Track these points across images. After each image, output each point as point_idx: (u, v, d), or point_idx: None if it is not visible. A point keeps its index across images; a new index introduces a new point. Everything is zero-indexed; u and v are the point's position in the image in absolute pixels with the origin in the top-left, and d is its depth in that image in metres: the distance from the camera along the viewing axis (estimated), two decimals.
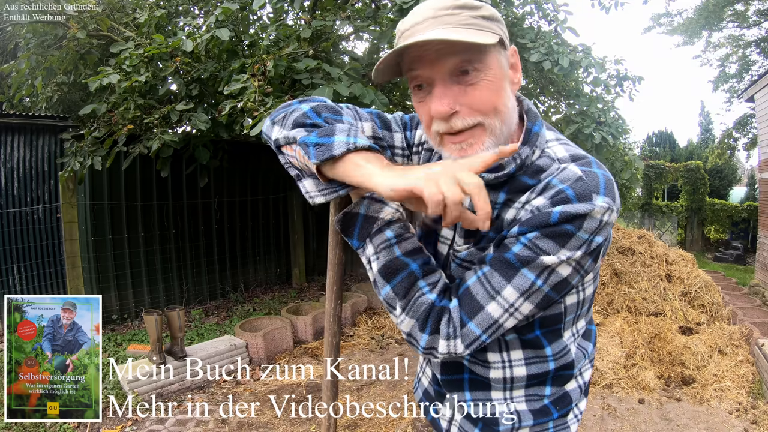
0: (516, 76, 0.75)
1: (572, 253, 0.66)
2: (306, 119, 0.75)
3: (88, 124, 3.94)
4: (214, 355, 3.39)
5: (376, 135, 0.88)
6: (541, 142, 0.75)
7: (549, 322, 0.79)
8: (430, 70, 0.68)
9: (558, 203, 0.65)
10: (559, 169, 0.70)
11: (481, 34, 0.66)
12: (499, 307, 0.69)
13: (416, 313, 0.73)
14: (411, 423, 2.69)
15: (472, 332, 0.71)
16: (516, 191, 0.73)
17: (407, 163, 0.94)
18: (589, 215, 0.65)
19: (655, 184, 11.07)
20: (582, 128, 3.57)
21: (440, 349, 0.73)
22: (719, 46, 13.00)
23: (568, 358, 0.82)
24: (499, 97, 0.70)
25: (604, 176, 0.68)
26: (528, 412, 0.83)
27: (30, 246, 4.23)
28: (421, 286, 0.74)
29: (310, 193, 0.77)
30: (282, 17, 3.63)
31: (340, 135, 0.70)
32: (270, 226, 5.87)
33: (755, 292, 6.00)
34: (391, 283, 0.75)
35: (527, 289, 0.68)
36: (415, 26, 0.69)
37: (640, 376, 3.25)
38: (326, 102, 0.82)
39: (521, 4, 4.03)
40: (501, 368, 0.82)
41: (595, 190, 0.66)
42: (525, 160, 0.73)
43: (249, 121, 2.66)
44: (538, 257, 0.66)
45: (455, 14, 0.67)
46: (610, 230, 0.70)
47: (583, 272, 0.71)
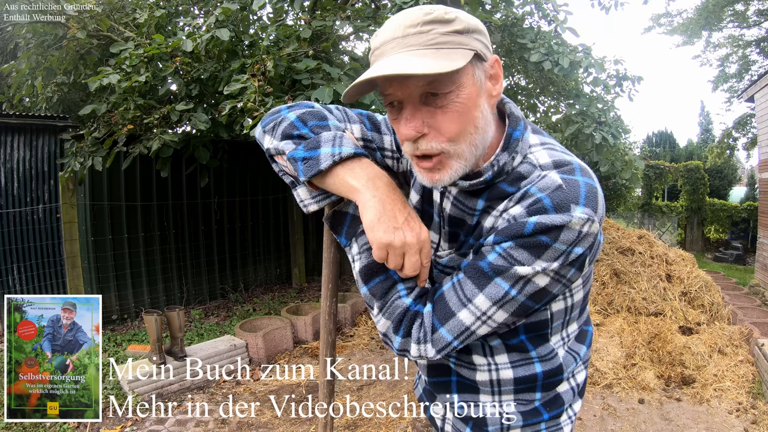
0: (495, 87, 0.71)
1: (548, 264, 0.65)
2: (293, 130, 0.77)
3: (88, 124, 3.94)
4: (214, 355, 3.39)
5: (365, 137, 0.89)
6: (522, 148, 0.72)
7: (534, 327, 0.79)
8: (400, 91, 0.67)
9: (534, 213, 0.64)
10: (539, 176, 0.68)
11: (448, 57, 0.63)
12: (470, 315, 0.69)
13: (391, 315, 0.74)
14: (411, 423, 2.69)
15: (443, 338, 0.71)
16: (495, 198, 0.72)
17: (397, 165, 0.94)
18: (566, 226, 0.63)
19: (655, 184, 11.07)
20: (582, 128, 3.58)
21: (412, 352, 0.74)
22: (719, 46, 13.00)
23: (555, 362, 0.81)
24: (470, 118, 0.67)
25: (586, 184, 0.65)
26: (518, 413, 0.83)
27: (30, 246, 4.23)
28: (398, 289, 0.75)
29: (304, 201, 0.81)
30: (282, 17, 3.63)
31: (325, 146, 0.72)
32: (270, 226, 5.87)
33: (755, 292, 6.00)
34: (368, 285, 0.77)
35: (500, 299, 0.68)
36: (384, 45, 0.67)
37: (640, 376, 3.25)
38: (313, 108, 0.83)
39: (521, 4, 4.03)
40: (487, 371, 0.82)
41: (574, 201, 0.63)
42: (504, 166, 0.71)
43: (249, 121, 2.66)
44: (511, 267, 0.65)
45: (423, 33, 0.64)
46: (593, 240, 0.67)
47: (566, 281, 0.69)
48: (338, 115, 0.89)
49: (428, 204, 0.86)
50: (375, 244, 0.71)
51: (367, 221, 0.71)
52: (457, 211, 0.77)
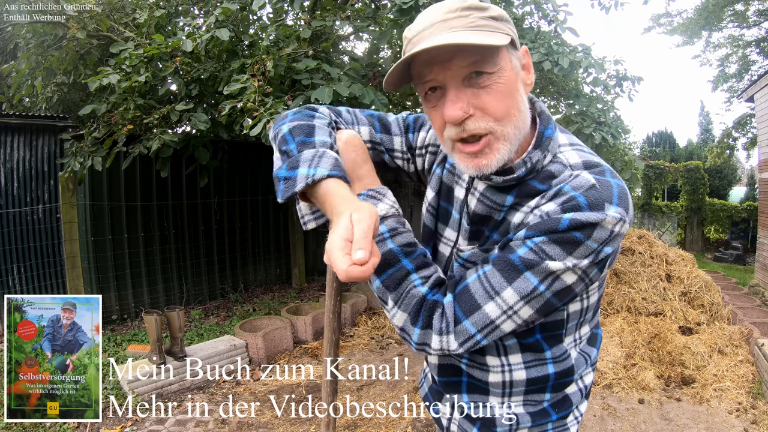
0: (528, 76, 0.73)
1: (578, 261, 0.65)
2: (283, 144, 0.77)
3: (87, 124, 3.94)
4: (214, 355, 3.39)
5: (373, 139, 0.90)
6: (553, 147, 0.73)
7: (550, 327, 0.79)
8: (443, 74, 0.67)
9: (569, 210, 0.64)
10: (571, 176, 0.69)
11: (492, 36, 0.65)
12: (497, 308, 0.69)
13: (408, 306, 0.73)
14: (411, 423, 2.69)
15: (466, 330, 0.70)
16: (525, 195, 0.72)
17: (408, 166, 0.94)
18: (599, 224, 0.64)
19: (655, 184, 11.07)
20: (582, 128, 3.58)
21: (433, 345, 0.72)
22: (719, 46, 12.99)
23: (567, 363, 0.81)
24: (513, 100, 0.69)
25: (618, 186, 0.67)
26: (526, 414, 0.82)
27: (30, 246, 4.23)
28: (413, 279, 0.74)
29: (304, 218, 0.79)
30: (282, 17, 3.64)
31: (302, 167, 0.69)
32: (270, 226, 5.87)
33: (755, 292, 6.00)
34: (381, 277, 0.75)
35: (529, 294, 0.67)
36: (423, 32, 0.67)
37: (640, 376, 3.25)
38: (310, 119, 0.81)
39: (521, 4, 4.03)
40: (500, 372, 0.82)
41: (608, 200, 0.64)
42: (536, 164, 0.72)
43: (249, 121, 2.66)
44: (543, 262, 0.65)
45: (464, 17, 0.66)
46: (620, 241, 0.68)
47: (588, 281, 0.70)
48: (347, 117, 0.88)
49: (446, 201, 0.86)
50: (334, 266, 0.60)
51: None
52: (483, 207, 0.77)
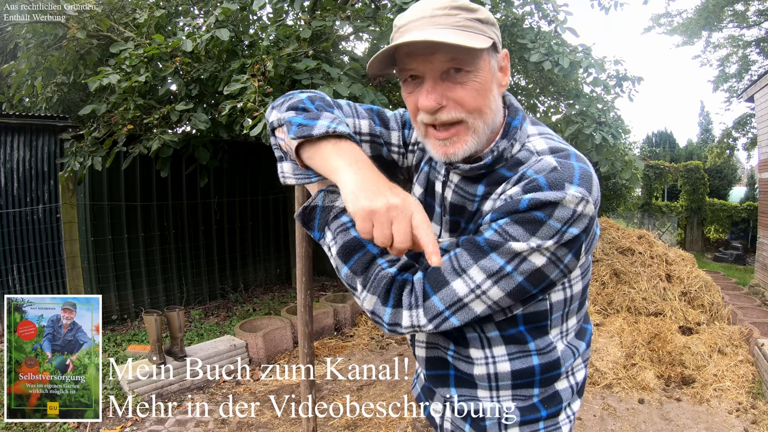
0: (504, 79, 0.76)
1: (542, 242, 0.66)
2: (300, 104, 0.79)
3: (87, 124, 3.94)
4: (214, 356, 3.39)
5: (373, 132, 0.91)
6: (521, 136, 0.77)
7: (533, 318, 0.79)
8: (423, 66, 0.70)
9: (529, 191, 0.66)
10: (536, 160, 0.71)
11: (474, 38, 0.68)
12: (464, 285, 0.70)
13: (377, 288, 0.73)
14: (411, 423, 2.69)
15: (434, 306, 0.71)
16: (494, 183, 0.75)
17: (402, 160, 0.95)
18: (560, 203, 0.65)
19: (655, 184, 11.07)
20: (582, 128, 3.57)
21: (404, 323, 0.73)
22: (719, 46, 12.99)
23: (553, 355, 0.81)
24: (485, 98, 0.72)
25: (581, 168, 0.69)
26: (516, 409, 0.83)
27: (30, 246, 4.22)
28: (380, 263, 0.75)
29: (284, 173, 0.81)
30: (282, 17, 3.63)
31: (323, 120, 0.72)
32: (270, 226, 5.87)
33: (755, 292, 6.00)
34: (348, 263, 0.76)
35: (495, 272, 0.68)
36: (410, 23, 0.71)
37: (639, 376, 3.25)
38: (325, 97, 0.85)
39: (521, 4, 4.02)
40: (484, 364, 0.82)
41: (568, 180, 0.66)
42: (503, 152, 0.75)
43: (249, 122, 2.66)
44: (506, 242, 0.67)
45: (451, 15, 0.69)
46: (589, 223, 0.69)
47: (563, 266, 0.70)
48: (348, 110, 0.90)
49: (431, 196, 0.88)
50: (358, 215, 0.64)
51: (347, 193, 0.66)
52: (459, 198, 0.80)
